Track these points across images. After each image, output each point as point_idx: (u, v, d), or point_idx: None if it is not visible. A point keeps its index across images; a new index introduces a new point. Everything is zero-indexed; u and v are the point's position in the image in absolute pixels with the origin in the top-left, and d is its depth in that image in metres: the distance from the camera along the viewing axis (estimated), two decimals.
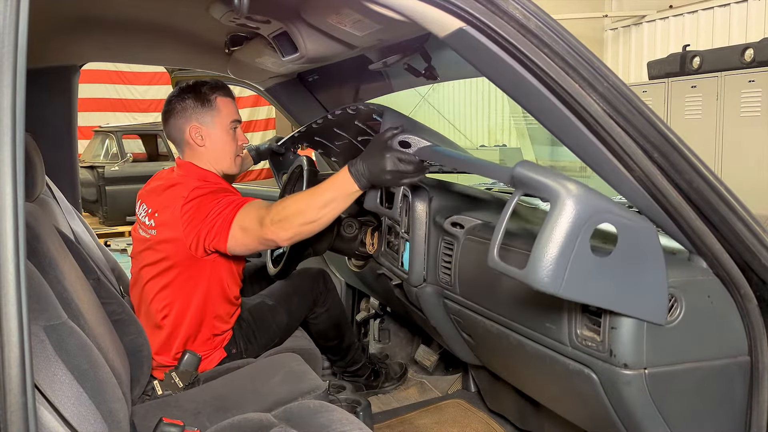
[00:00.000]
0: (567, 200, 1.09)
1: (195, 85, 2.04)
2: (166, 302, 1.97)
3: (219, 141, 2.03)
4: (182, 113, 2.02)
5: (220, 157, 2.04)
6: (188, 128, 2.01)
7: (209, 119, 2.01)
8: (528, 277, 1.13)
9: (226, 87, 2.09)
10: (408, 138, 1.60)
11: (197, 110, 2.01)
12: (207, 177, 1.99)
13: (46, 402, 1.10)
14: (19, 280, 0.72)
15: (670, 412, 1.27)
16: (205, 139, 2.01)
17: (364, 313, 2.94)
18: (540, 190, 1.13)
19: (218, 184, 1.97)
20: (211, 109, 2.01)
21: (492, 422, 2.33)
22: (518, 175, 1.16)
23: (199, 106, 2.00)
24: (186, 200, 1.85)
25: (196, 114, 2.01)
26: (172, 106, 2.04)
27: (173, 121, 2.04)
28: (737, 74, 5.63)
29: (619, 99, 1.14)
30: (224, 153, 2.04)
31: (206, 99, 2.01)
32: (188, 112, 2.01)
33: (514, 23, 1.09)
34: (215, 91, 2.03)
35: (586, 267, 1.12)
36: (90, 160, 9.92)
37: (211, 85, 2.05)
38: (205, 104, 2.01)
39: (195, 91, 2.02)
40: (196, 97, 2.01)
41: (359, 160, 1.59)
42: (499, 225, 1.18)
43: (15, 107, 0.71)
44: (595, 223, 1.11)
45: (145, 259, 1.99)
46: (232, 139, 2.05)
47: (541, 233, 1.11)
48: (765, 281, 1.22)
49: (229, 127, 2.04)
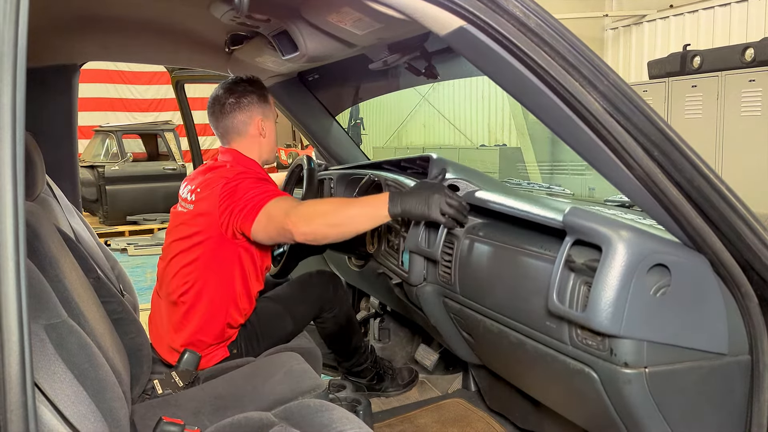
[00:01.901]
0: (618, 245, 1.18)
1: (253, 82, 2.17)
2: (187, 279, 2.03)
3: (272, 133, 2.21)
4: (249, 107, 2.14)
5: (271, 148, 2.21)
6: (255, 121, 2.14)
7: (268, 113, 2.19)
8: (589, 321, 1.22)
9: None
10: (457, 182, 1.80)
11: (261, 105, 2.16)
12: (253, 165, 2.12)
13: (46, 400, 1.10)
14: (19, 278, 0.72)
15: (670, 411, 1.27)
16: (266, 131, 2.17)
17: (364, 313, 2.95)
18: (591, 236, 1.24)
19: (262, 172, 2.09)
20: (268, 104, 2.18)
21: (492, 421, 2.33)
22: (569, 223, 1.27)
23: (263, 102, 2.16)
24: (228, 180, 1.95)
25: (261, 108, 2.16)
26: (237, 100, 2.13)
27: (238, 115, 2.13)
28: (738, 74, 5.62)
29: (619, 97, 1.14)
30: (273, 144, 2.23)
31: (264, 95, 2.18)
32: (254, 106, 2.14)
33: (514, 21, 1.09)
34: (266, 89, 2.21)
35: (644, 307, 1.19)
36: (90, 160, 9.93)
37: (261, 82, 2.21)
38: (263, 100, 2.16)
39: (255, 86, 2.17)
40: (259, 93, 2.16)
41: (404, 193, 1.70)
42: (555, 270, 1.30)
43: (15, 106, 0.71)
44: (647, 265, 1.19)
45: (177, 233, 2.09)
46: (274, 134, 2.24)
47: (597, 278, 1.20)
48: (766, 280, 1.22)
49: (275, 120, 2.25)
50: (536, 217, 1.47)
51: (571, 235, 1.28)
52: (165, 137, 10.26)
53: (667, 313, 1.22)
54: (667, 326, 1.22)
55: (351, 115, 10.53)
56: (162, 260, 2.15)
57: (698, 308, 1.24)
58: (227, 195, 1.93)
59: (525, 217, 1.51)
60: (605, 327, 1.19)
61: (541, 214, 1.45)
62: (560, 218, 1.31)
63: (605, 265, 1.18)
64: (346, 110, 3.29)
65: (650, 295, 1.20)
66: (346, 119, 10.12)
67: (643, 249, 1.18)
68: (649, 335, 1.21)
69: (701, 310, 1.25)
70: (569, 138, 1.22)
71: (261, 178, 1.99)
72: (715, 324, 1.25)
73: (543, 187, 2.60)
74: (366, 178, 2.41)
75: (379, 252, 2.28)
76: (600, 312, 1.19)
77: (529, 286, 1.50)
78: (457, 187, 1.79)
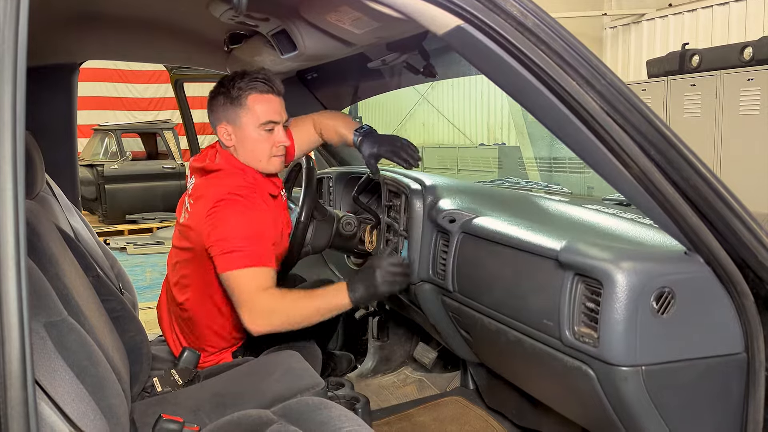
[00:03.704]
0: (618, 277, 1.21)
1: (231, 80, 1.90)
2: (185, 290, 2.02)
3: (248, 142, 1.91)
4: (214, 110, 1.94)
5: (249, 158, 1.94)
6: (221, 127, 1.93)
7: (238, 118, 1.90)
8: (603, 356, 1.25)
9: (267, 82, 1.91)
10: (453, 213, 1.84)
11: (227, 108, 1.90)
12: (245, 173, 1.93)
13: (46, 397, 1.10)
14: (20, 277, 0.72)
15: (667, 409, 1.28)
16: (234, 139, 1.92)
17: (362, 311, 2.95)
18: (590, 272, 1.27)
19: (253, 186, 1.90)
20: (240, 107, 1.88)
21: (490, 419, 2.34)
22: (566, 260, 1.32)
23: (229, 104, 1.89)
24: (215, 203, 1.82)
25: (225, 112, 1.91)
26: (209, 100, 1.96)
27: (209, 116, 1.97)
28: (736, 73, 5.62)
29: (616, 96, 1.15)
30: (253, 154, 1.93)
31: (237, 96, 1.88)
32: (218, 110, 1.92)
33: (512, 21, 1.10)
34: (250, 88, 1.88)
35: (655, 331, 1.23)
36: (89, 159, 9.93)
37: (250, 78, 1.89)
38: (235, 102, 1.88)
39: (228, 86, 1.89)
40: (227, 94, 1.89)
41: (357, 281, 1.75)
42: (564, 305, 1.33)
43: (15, 105, 0.71)
44: (650, 292, 1.22)
45: (176, 240, 2.05)
46: (265, 141, 1.91)
47: (602, 313, 1.23)
48: (761, 278, 1.23)
49: (262, 127, 1.90)
50: (534, 247, 1.49)
51: (570, 270, 1.32)
52: (164, 136, 10.26)
53: (678, 330, 1.24)
54: (683, 342, 1.25)
55: (350, 113, 10.53)
56: (168, 260, 2.12)
57: (708, 316, 1.27)
58: (211, 223, 1.81)
59: (523, 247, 1.53)
60: (620, 360, 1.22)
61: (539, 243, 1.48)
62: (557, 248, 1.36)
63: (608, 299, 1.22)
64: (345, 109, 3.29)
65: (658, 317, 1.22)
66: None
67: (643, 278, 1.21)
68: (666, 356, 1.25)
69: (711, 317, 1.27)
70: (566, 137, 1.22)
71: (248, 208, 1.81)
72: (725, 327, 1.27)
73: (541, 186, 2.61)
74: (365, 177, 2.42)
75: (378, 250, 2.28)
76: (612, 348, 1.22)
77: (526, 284, 1.51)
78: (453, 218, 1.82)
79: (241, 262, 1.74)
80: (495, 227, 1.67)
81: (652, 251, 1.36)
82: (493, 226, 1.68)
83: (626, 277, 1.21)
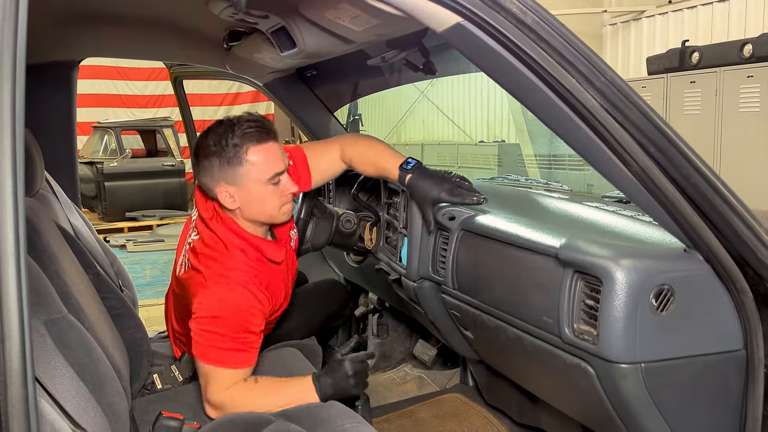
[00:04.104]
0: (618, 274, 1.21)
1: (220, 137, 1.65)
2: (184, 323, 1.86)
3: (255, 201, 1.70)
4: (207, 173, 1.68)
5: (258, 215, 1.74)
6: (216, 190, 1.68)
7: (239, 178, 1.66)
8: (602, 353, 1.25)
9: (263, 129, 1.68)
10: (453, 211, 1.81)
11: (224, 170, 1.65)
12: (246, 254, 1.72)
13: (47, 395, 1.11)
14: (20, 274, 0.72)
15: (666, 406, 1.28)
16: (237, 201, 1.69)
17: (362, 308, 2.95)
18: (590, 269, 1.27)
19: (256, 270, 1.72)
20: (239, 166, 1.65)
21: (490, 416, 2.34)
22: (566, 257, 1.32)
23: (226, 165, 1.65)
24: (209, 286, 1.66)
25: (222, 174, 1.66)
26: (198, 161, 1.70)
27: (201, 179, 1.72)
28: (736, 70, 5.62)
29: (616, 94, 1.15)
30: (262, 211, 1.73)
31: (234, 155, 1.64)
32: (213, 173, 1.67)
33: (511, 18, 1.10)
34: (246, 142, 1.65)
35: (654, 328, 1.23)
36: (89, 156, 9.93)
37: (242, 130, 1.65)
38: (233, 161, 1.64)
39: (219, 145, 1.64)
40: (221, 154, 1.64)
41: (324, 375, 1.69)
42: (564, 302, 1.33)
43: (15, 102, 0.71)
44: (649, 289, 1.22)
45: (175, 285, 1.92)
46: (273, 195, 1.70)
47: (601, 310, 1.23)
48: (761, 276, 1.23)
49: (269, 182, 1.69)
50: (534, 245, 1.49)
51: (569, 267, 1.33)
52: (164, 133, 10.26)
53: (678, 328, 1.25)
54: (682, 339, 1.25)
55: (349, 111, 10.53)
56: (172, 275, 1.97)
57: (707, 313, 1.27)
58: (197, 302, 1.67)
59: (522, 244, 1.53)
60: (620, 357, 1.23)
61: (539, 240, 1.48)
62: (557, 245, 1.37)
63: (607, 296, 1.22)
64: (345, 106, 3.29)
65: (657, 315, 1.23)
66: (344, 115, 10.13)
67: (643, 275, 1.21)
68: (665, 353, 1.25)
69: (710, 314, 1.27)
70: (566, 135, 1.22)
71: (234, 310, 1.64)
72: (725, 324, 1.27)
73: (541, 183, 2.61)
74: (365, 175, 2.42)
75: (378, 248, 2.28)
76: (612, 345, 1.23)
77: (525, 282, 1.51)
78: (453, 216, 1.82)
79: (215, 360, 1.63)
80: (495, 225, 1.67)
81: (651, 248, 1.37)
82: (492, 224, 1.68)
83: (626, 275, 1.21)
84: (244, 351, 1.66)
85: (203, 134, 1.70)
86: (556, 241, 1.39)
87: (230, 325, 1.63)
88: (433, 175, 1.84)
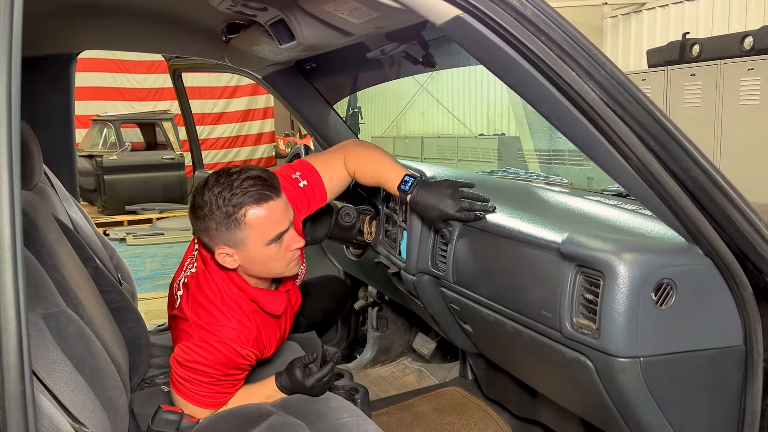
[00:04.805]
0: (620, 268, 1.21)
1: (217, 195, 1.51)
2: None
3: (257, 262, 1.58)
4: (204, 232, 1.56)
5: (261, 274, 1.64)
6: (215, 250, 1.57)
7: (238, 240, 1.53)
8: (603, 347, 1.25)
9: (264, 186, 1.53)
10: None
11: (221, 231, 1.52)
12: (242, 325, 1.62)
13: (45, 389, 1.10)
14: (16, 267, 0.72)
15: (665, 400, 1.28)
16: (238, 261, 1.57)
17: (362, 302, 2.95)
18: (592, 263, 1.27)
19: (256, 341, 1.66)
20: (238, 228, 1.51)
21: (489, 409, 2.35)
22: (568, 252, 1.32)
23: (223, 227, 1.52)
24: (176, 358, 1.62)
25: (220, 235, 1.53)
26: (194, 218, 1.57)
27: (199, 237, 1.61)
28: (736, 62, 5.61)
29: (616, 87, 1.14)
30: (266, 270, 1.62)
31: (230, 215, 1.50)
32: (211, 233, 1.54)
33: (510, 11, 1.09)
34: (244, 202, 1.50)
35: (655, 322, 1.23)
36: (88, 149, 9.91)
37: (241, 189, 1.51)
38: (231, 223, 1.51)
39: (215, 203, 1.51)
40: (219, 215, 1.51)
41: (284, 374, 1.67)
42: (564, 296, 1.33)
43: (10, 95, 0.71)
44: (651, 284, 1.22)
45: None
46: (277, 254, 1.57)
47: (603, 305, 1.23)
48: (761, 270, 1.23)
49: (270, 242, 1.55)
50: (535, 239, 1.49)
51: (571, 262, 1.33)
52: (163, 126, 10.23)
53: (678, 322, 1.25)
54: (683, 334, 1.26)
55: (349, 104, 10.51)
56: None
57: (708, 308, 1.27)
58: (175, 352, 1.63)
59: (524, 239, 1.53)
60: (621, 351, 1.23)
61: (540, 235, 1.48)
62: (559, 240, 1.36)
63: (609, 290, 1.22)
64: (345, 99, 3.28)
65: (658, 309, 1.23)
66: (344, 108, 10.12)
67: (645, 269, 1.21)
68: (665, 348, 1.25)
69: (712, 309, 1.27)
70: (566, 128, 1.22)
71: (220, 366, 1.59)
72: (724, 318, 1.27)
73: (541, 177, 2.60)
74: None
75: (377, 241, 2.28)
76: (612, 339, 1.23)
77: (525, 276, 1.51)
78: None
79: (188, 396, 1.62)
80: (495, 219, 1.66)
81: (653, 243, 1.36)
82: (493, 218, 1.67)
83: (628, 269, 1.21)
84: (222, 394, 1.65)
85: (199, 188, 1.55)
86: (557, 236, 1.39)
87: (210, 375, 1.60)
88: (434, 190, 1.72)
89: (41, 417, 0.95)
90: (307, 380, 1.63)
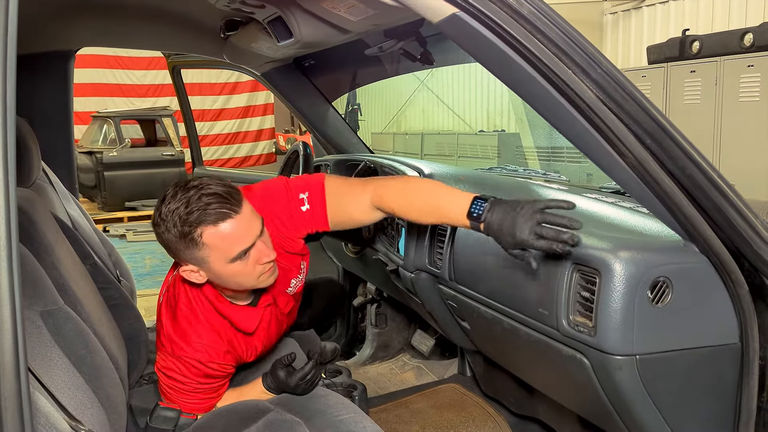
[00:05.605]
0: (616, 266, 1.22)
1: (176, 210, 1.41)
2: None
3: (224, 277, 1.49)
4: (170, 248, 1.47)
5: (233, 287, 1.55)
6: (180, 265, 1.50)
7: (200, 259, 1.44)
8: (600, 345, 1.25)
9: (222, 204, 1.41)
10: None
11: (180, 249, 1.44)
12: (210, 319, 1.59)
13: (42, 387, 1.10)
14: (12, 264, 0.72)
15: (661, 397, 1.29)
16: (204, 277, 1.50)
17: (360, 298, 2.96)
18: (587, 261, 1.28)
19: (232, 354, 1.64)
20: (197, 249, 1.42)
21: (487, 406, 2.35)
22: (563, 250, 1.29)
23: (182, 246, 1.42)
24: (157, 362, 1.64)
25: (180, 253, 1.45)
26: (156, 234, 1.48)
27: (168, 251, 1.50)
28: (736, 59, 5.60)
29: (612, 85, 1.14)
30: (236, 284, 1.53)
31: (187, 234, 1.40)
32: (176, 251, 1.46)
33: (507, 9, 1.09)
34: (199, 222, 1.39)
35: (652, 320, 1.23)
36: (88, 146, 9.91)
37: (198, 208, 1.39)
38: (190, 243, 1.41)
39: (173, 221, 1.40)
40: (176, 233, 1.41)
41: (269, 376, 1.67)
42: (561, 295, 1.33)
43: (6, 91, 0.71)
44: (647, 282, 1.22)
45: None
46: (244, 269, 1.46)
47: (599, 302, 1.24)
48: (756, 267, 1.23)
49: (234, 260, 1.44)
50: None
51: (567, 259, 1.33)
52: (163, 123, 10.23)
53: (674, 320, 1.25)
54: (680, 332, 1.26)
55: (348, 100, 10.50)
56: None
57: (705, 306, 1.27)
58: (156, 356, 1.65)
59: None
60: (618, 349, 1.23)
61: None
62: None
63: (605, 288, 1.22)
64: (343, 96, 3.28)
65: (654, 307, 1.23)
66: (343, 105, 10.11)
67: (641, 267, 1.22)
68: (661, 346, 1.25)
69: (708, 307, 1.27)
70: (562, 126, 1.22)
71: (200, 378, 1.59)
72: (720, 316, 1.28)
73: (539, 174, 2.60)
74: (362, 164, 2.42)
75: (376, 238, 2.28)
76: (609, 337, 1.23)
77: (521, 273, 1.50)
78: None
79: (173, 401, 1.62)
80: None
81: (650, 241, 1.36)
82: None
83: (624, 267, 1.21)
84: (205, 400, 1.64)
85: (159, 202, 1.46)
86: None
87: (186, 384, 1.60)
88: (510, 213, 1.35)
89: (38, 415, 0.95)
90: (290, 380, 1.63)
